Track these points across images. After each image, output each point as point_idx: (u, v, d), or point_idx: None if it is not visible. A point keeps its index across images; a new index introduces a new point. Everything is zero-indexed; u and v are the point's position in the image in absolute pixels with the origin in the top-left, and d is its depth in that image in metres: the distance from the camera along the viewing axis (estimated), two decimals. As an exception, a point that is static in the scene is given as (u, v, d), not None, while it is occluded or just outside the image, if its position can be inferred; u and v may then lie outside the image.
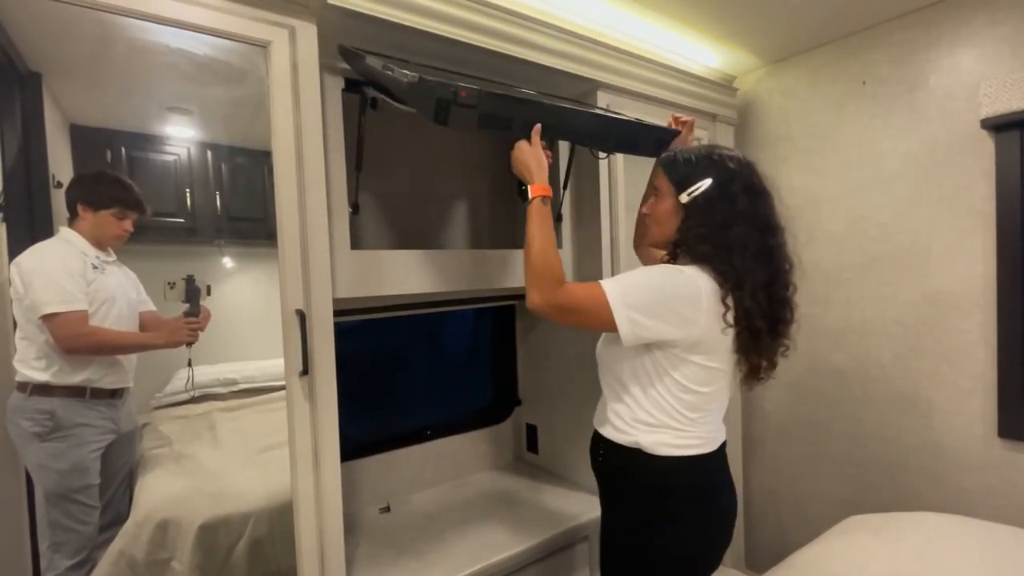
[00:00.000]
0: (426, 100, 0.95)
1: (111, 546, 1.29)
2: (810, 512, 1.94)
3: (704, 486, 1.05)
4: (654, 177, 1.13)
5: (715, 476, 1.08)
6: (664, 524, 1.03)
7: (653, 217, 1.09)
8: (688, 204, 1.01)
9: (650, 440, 1.02)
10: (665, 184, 1.06)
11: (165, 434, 1.55)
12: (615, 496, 1.12)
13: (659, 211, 1.07)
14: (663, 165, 1.08)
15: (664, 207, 1.06)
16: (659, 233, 1.08)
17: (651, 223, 1.10)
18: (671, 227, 1.05)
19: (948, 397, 1.62)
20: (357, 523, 1.57)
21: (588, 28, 1.56)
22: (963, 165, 1.57)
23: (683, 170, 1.04)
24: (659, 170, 1.09)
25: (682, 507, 1.03)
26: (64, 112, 1.33)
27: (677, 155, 1.07)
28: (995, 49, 1.49)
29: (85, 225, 1.31)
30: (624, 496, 1.09)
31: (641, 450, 1.03)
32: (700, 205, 1.00)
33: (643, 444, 1.02)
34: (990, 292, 1.53)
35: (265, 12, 1.05)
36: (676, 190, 1.03)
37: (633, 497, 1.06)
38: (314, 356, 1.11)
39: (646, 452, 1.02)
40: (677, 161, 1.06)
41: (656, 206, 1.08)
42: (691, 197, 1.01)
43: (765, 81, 2.03)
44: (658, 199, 1.08)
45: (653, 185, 1.12)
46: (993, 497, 1.54)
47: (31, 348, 1.21)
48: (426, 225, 1.75)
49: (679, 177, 1.04)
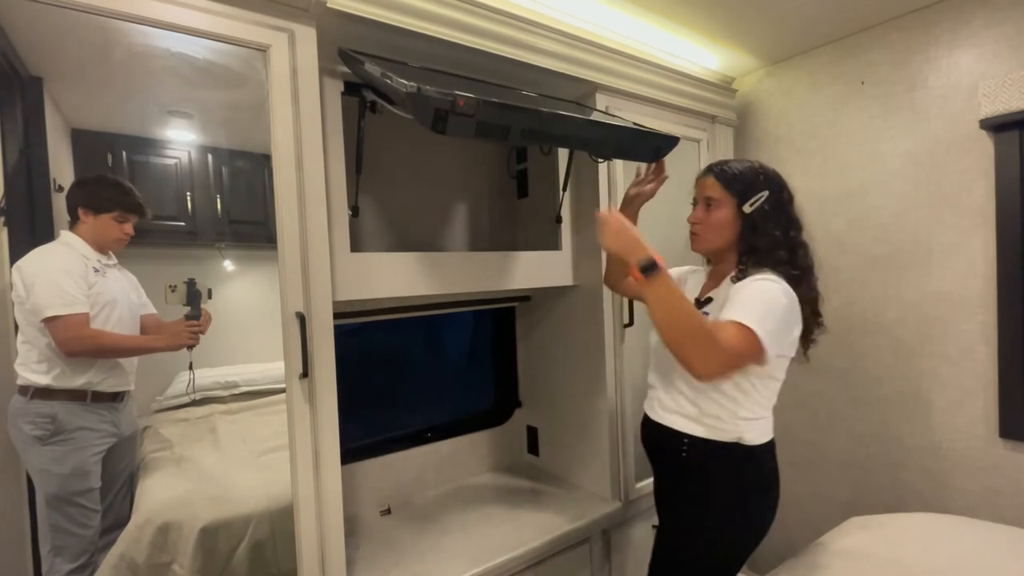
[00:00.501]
0: (424, 109, 0.96)
1: (112, 549, 1.29)
2: (812, 513, 1.94)
3: (777, 464, 1.18)
4: (705, 188, 1.19)
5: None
6: (759, 505, 1.14)
7: (709, 226, 1.17)
8: (751, 214, 1.12)
9: (751, 432, 1.11)
10: (723, 194, 1.15)
11: (166, 437, 1.55)
12: (706, 490, 1.14)
13: (717, 220, 1.16)
14: (719, 178, 1.16)
15: (722, 216, 1.15)
16: (716, 240, 1.17)
17: (705, 231, 1.18)
18: (729, 235, 1.16)
19: (949, 397, 1.62)
20: (358, 525, 1.57)
21: (586, 30, 1.56)
22: (963, 165, 1.57)
23: (741, 181, 1.14)
24: (712, 182, 1.17)
25: (772, 484, 1.16)
26: (65, 116, 1.34)
27: (729, 168, 1.17)
28: (994, 49, 1.50)
29: (86, 229, 1.32)
30: (719, 487, 1.13)
31: (740, 443, 1.11)
32: (764, 214, 1.12)
33: (744, 437, 1.11)
34: (991, 292, 1.53)
35: (264, 16, 1.05)
36: (738, 201, 1.14)
37: (730, 486, 1.13)
38: (314, 358, 1.11)
39: (745, 444, 1.11)
40: (733, 173, 1.15)
41: (713, 215, 1.16)
42: (753, 207, 1.12)
43: (764, 82, 2.03)
44: (714, 208, 1.16)
45: (706, 196, 1.18)
46: (995, 497, 1.54)
47: (32, 352, 1.21)
48: (426, 228, 1.75)
49: (740, 188, 1.14)
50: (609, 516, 1.62)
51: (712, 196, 1.17)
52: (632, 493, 1.69)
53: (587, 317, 1.68)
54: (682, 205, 1.93)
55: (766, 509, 1.16)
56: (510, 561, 1.38)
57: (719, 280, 1.20)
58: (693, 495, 1.16)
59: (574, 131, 1.22)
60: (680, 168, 1.89)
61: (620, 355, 1.67)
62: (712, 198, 1.17)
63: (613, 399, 1.66)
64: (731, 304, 1.04)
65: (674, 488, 1.22)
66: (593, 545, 1.63)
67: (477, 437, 1.94)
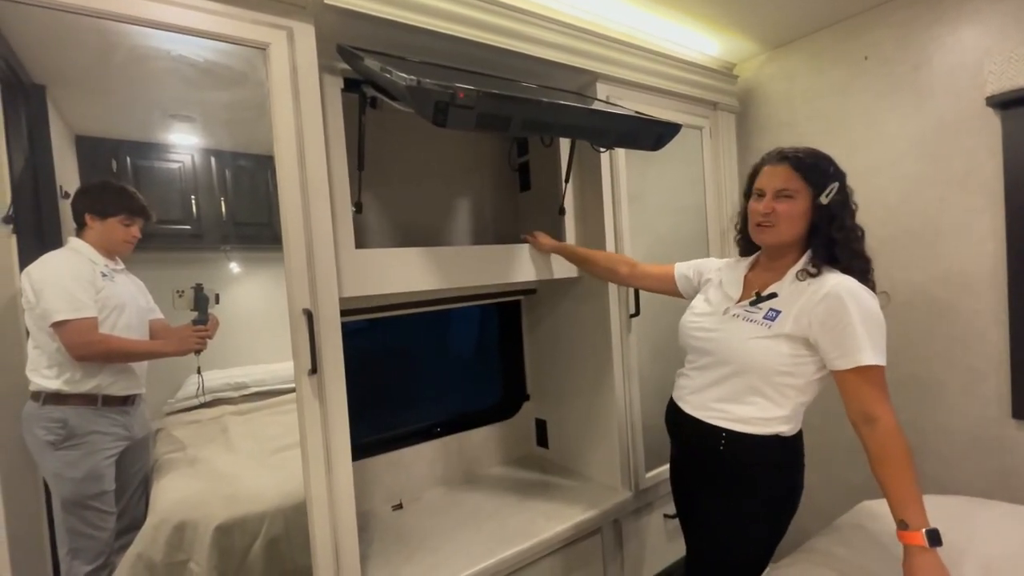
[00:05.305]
0: (424, 102, 0.96)
1: (129, 550, 1.31)
2: (822, 499, 1.93)
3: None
4: (776, 178, 1.13)
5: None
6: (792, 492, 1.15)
7: (784, 217, 1.11)
8: (827, 205, 1.09)
9: (788, 427, 1.11)
10: (801, 185, 1.10)
11: (179, 439, 1.57)
12: (748, 481, 1.13)
13: (793, 212, 1.10)
14: (797, 168, 1.11)
15: (800, 207, 1.10)
16: (791, 233, 1.12)
17: (780, 223, 1.11)
18: (802, 226, 1.11)
19: (961, 379, 1.61)
20: (370, 521, 1.58)
21: (586, 20, 1.55)
22: (970, 144, 1.55)
23: (817, 171, 1.10)
24: (788, 171, 1.11)
25: (802, 470, 1.17)
26: (69, 123, 1.35)
27: (803, 155, 1.12)
28: (999, 25, 1.47)
29: (93, 234, 1.33)
30: (759, 480, 1.13)
31: (779, 435, 1.11)
32: (839, 205, 1.09)
33: (783, 431, 1.11)
34: (1001, 271, 1.51)
35: (263, 14, 1.06)
36: (814, 192, 1.09)
37: (770, 479, 1.13)
38: (322, 355, 1.12)
39: (783, 436, 1.11)
40: (807, 161, 1.11)
41: (788, 206, 1.11)
42: (830, 198, 1.09)
43: (766, 67, 2.02)
44: (792, 199, 1.11)
45: (780, 187, 1.12)
46: (1009, 478, 1.53)
47: (43, 357, 1.22)
48: (429, 223, 1.75)
49: (816, 178, 1.10)
50: (620, 506, 1.62)
51: (788, 187, 1.10)
52: (642, 483, 1.69)
53: (593, 308, 1.68)
54: (686, 192, 1.93)
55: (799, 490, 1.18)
56: (522, 552, 1.39)
57: (780, 273, 1.14)
58: (732, 486, 1.15)
59: (575, 120, 1.21)
60: (683, 155, 1.90)
61: (627, 345, 1.67)
62: (788, 189, 1.10)
63: (621, 389, 1.66)
64: (840, 335, 1.01)
65: (708, 480, 1.19)
66: (605, 535, 1.63)
67: (486, 431, 1.95)
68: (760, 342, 1.09)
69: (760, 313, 1.11)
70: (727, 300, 1.20)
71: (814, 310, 1.04)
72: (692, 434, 1.20)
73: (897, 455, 0.99)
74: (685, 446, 1.27)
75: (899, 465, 0.99)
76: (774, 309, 1.10)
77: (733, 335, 1.14)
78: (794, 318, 1.06)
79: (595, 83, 1.57)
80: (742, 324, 1.13)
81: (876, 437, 1.00)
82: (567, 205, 1.65)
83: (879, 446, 1.00)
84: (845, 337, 1.00)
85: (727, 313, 1.18)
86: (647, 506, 1.73)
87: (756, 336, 1.10)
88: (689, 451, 1.26)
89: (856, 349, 0.99)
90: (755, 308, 1.13)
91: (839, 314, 1.01)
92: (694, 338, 1.23)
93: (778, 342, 1.07)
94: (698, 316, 1.24)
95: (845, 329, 1.00)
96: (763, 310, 1.11)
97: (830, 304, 1.02)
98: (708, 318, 1.21)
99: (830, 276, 1.06)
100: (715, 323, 1.19)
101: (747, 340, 1.11)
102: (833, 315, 1.02)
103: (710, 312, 1.22)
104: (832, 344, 1.02)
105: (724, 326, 1.16)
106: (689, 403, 1.21)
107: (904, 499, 0.97)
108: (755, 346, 1.09)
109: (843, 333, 1.01)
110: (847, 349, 1.00)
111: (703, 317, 1.23)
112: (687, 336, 1.25)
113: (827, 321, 1.02)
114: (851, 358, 1.00)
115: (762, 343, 1.09)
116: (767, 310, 1.11)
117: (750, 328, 1.11)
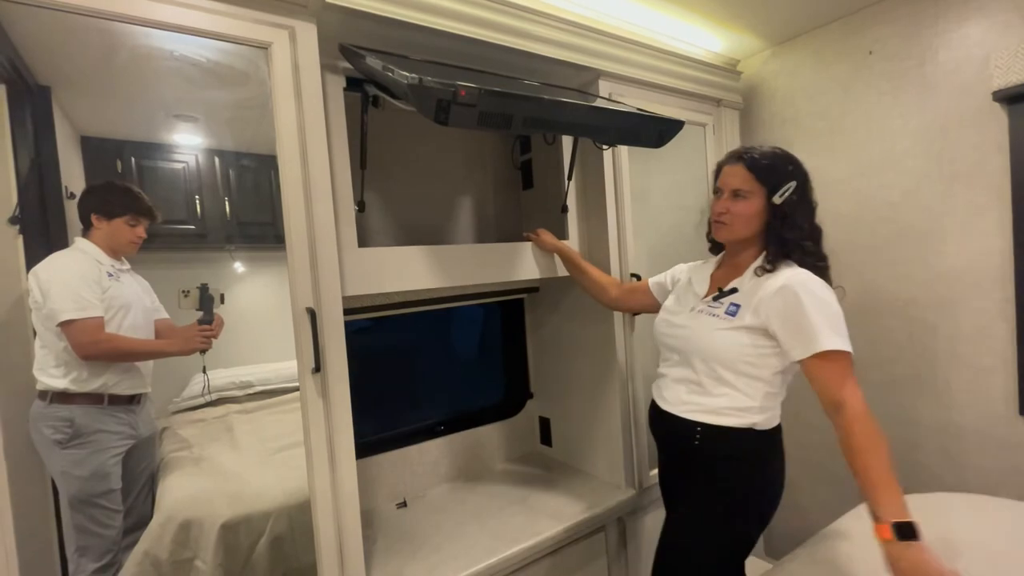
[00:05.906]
0: (426, 100, 0.96)
1: (136, 547, 1.32)
2: (827, 496, 1.92)
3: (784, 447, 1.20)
4: (734, 178, 1.15)
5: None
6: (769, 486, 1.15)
7: (738, 216, 1.14)
8: (780, 205, 1.11)
9: (762, 417, 1.12)
10: (753, 184, 1.12)
11: (184, 437, 1.58)
12: (719, 474, 1.14)
13: (746, 211, 1.13)
14: (750, 167, 1.13)
15: (753, 207, 1.13)
16: (744, 231, 1.15)
17: (734, 222, 1.15)
18: (757, 225, 1.14)
19: (967, 377, 1.60)
20: (375, 519, 1.58)
21: (587, 16, 1.55)
22: (976, 139, 1.53)
23: (772, 171, 1.12)
24: (742, 171, 1.14)
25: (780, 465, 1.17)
26: (74, 124, 1.36)
27: (759, 156, 1.13)
28: (1004, 19, 1.46)
29: (99, 234, 1.34)
30: (734, 474, 1.13)
31: (754, 427, 1.11)
32: (792, 204, 1.11)
33: (757, 423, 1.11)
34: (1007, 268, 1.50)
35: (265, 14, 1.06)
36: (768, 191, 1.12)
37: (746, 472, 1.13)
38: (326, 353, 1.12)
39: (758, 429, 1.12)
40: (762, 162, 1.12)
41: (742, 206, 1.14)
42: (783, 199, 1.10)
43: (770, 63, 2.00)
44: (746, 199, 1.13)
45: (735, 187, 1.15)
46: (1015, 476, 1.52)
47: (49, 356, 1.23)
48: (432, 221, 1.75)
49: (770, 178, 1.11)
50: (624, 504, 1.62)
51: (742, 187, 1.13)
52: (646, 481, 1.69)
53: (596, 306, 1.67)
54: (690, 190, 1.93)
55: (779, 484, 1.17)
56: (526, 550, 1.39)
57: (740, 270, 1.18)
58: (706, 480, 1.16)
59: (577, 118, 1.21)
60: (686, 153, 1.89)
61: (630, 343, 1.67)
62: (742, 189, 1.14)
63: (625, 387, 1.66)
64: (796, 325, 1.03)
65: (685, 475, 1.21)
66: (608, 533, 1.63)
67: (489, 429, 1.95)
68: (724, 334, 1.12)
69: (722, 308, 1.15)
70: (694, 298, 1.24)
71: (770, 304, 1.06)
72: (670, 430, 1.22)
73: (864, 441, 0.96)
74: (665, 444, 1.28)
75: (867, 451, 0.95)
76: (735, 304, 1.13)
77: (699, 329, 1.17)
78: (752, 311, 1.09)
79: (597, 80, 1.57)
80: (707, 319, 1.16)
81: (843, 424, 0.99)
82: (570, 203, 1.65)
83: (847, 433, 0.98)
84: (801, 327, 1.03)
85: (693, 310, 1.21)
86: (651, 504, 1.73)
87: (719, 328, 1.13)
88: (669, 450, 1.28)
89: (813, 336, 1.01)
90: (717, 303, 1.16)
91: (793, 305, 1.04)
92: (665, 335, 1.26)
93: (739, 334, 1.10)
94: (669, 315, 1.28)
95: (800, 319, 1.03)
96: (724, 305, 1.15)
97: (785, 296, 1.05)
98: (677, 316, 1.25)
99: (784, 271, 1.09)
100: (684, 320, 1.22)
101: (711, 332, 1.14)
102: (788, 307, 1.04)
103: (679, 310, 1.26)
104: (790, 335, 1.05)
105: (691, 322, 1.20)
106: (665, 400, 1.23)
107: (873, 488, 0.93)
108: (719, 337, 1.12)
109: (799, 323, 1.03)
110: (804, 338, 1.02)
111: (673, 315, 1.26)
112: (659, 335, 1.29)
113: (783, 312, 1.05)
114: (809, 346, 1.02)
115: (726, 335, 1.12)
116: (728, 304, 1.14)
117: (713, 321, 1.14)
